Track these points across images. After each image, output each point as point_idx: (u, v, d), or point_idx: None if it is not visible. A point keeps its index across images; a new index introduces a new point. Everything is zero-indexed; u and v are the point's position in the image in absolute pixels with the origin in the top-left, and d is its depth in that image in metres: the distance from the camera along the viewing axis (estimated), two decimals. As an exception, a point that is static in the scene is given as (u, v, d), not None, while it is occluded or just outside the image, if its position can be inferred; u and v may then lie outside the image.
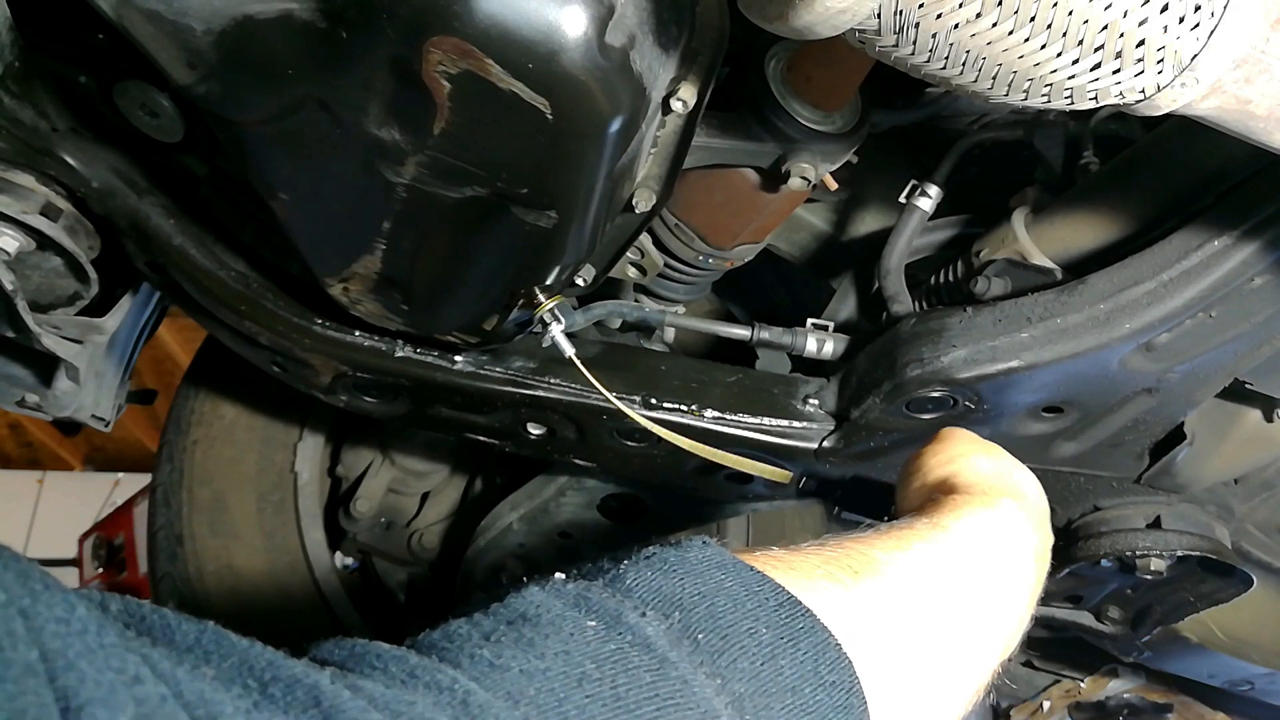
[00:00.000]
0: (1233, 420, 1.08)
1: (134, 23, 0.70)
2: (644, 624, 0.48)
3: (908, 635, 0.58)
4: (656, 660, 0.47)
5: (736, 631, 0.50)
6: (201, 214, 1.01)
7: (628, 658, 0.46)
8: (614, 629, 0.47)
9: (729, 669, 0.48)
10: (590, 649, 0.46)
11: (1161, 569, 1.10)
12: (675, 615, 0.49)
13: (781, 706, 0.49)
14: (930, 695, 0.58)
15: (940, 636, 0.60)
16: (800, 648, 0.51)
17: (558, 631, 0.47)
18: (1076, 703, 1.73)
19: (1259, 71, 0.58)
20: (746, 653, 0.49)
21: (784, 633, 0.51)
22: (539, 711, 0.43)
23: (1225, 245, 0.88)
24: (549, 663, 0.45)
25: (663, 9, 0.70)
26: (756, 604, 0.51)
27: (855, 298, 1.21)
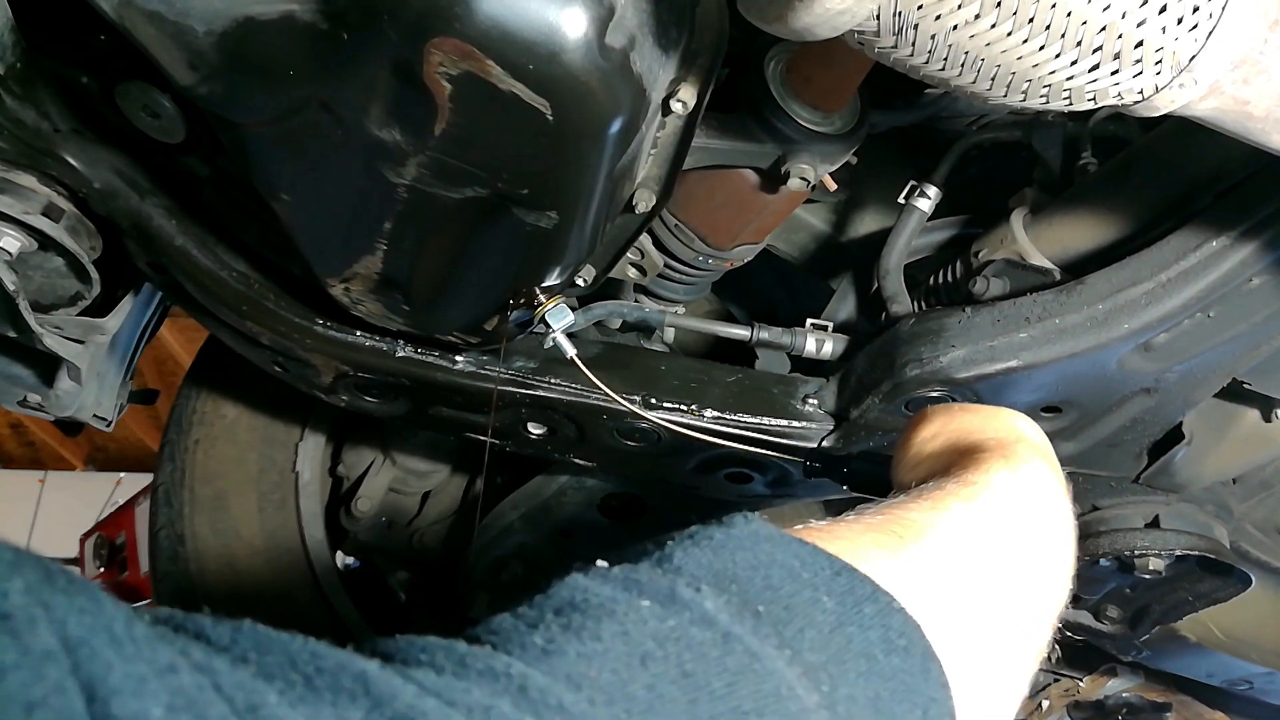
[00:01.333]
0: (1231, 420, 1.08)
1: (136, 24, 0.70)
2: (701, 599, 0.46)
3: (964, 596, 0.56)
4: (720, 634, 0.44)
5: (798, 601, 0.48)
6: (203, 215, 1.01)
7: (690, 634, 0.44)
8: (670, 606, 0.45)
9: (796, 639, 0.46)
10: (649, 628, 0.44)
11: (1160, 568, 1.10)
12: (732, 588, 0.47)
13: (857, 674, 0.46)
14: (997, 652, 0.56)
15: (995, 594, 0.58)
16: (865, 613, 0.49)
17: (610, 614, 0.44)
18: (1075, 702, 1.73)
19: (1257, 72, 0.59)
20: (813, 622, 0.47)
21: (846, 600, 0.49)
22: (604, 694, 0.40)
23: (1223, 245, 0.88)
24: (607, 644, 0.42)
25: (663, 10, 0.71)
26: (813, 573, 0.49)
27: (854, 298, 1.21)
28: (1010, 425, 0.72)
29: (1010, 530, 0.62)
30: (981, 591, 0.57)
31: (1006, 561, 0.60)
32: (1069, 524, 0.67)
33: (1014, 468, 0.66)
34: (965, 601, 0.56)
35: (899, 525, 0.57)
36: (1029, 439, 0.71)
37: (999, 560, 0.59)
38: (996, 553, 0.60)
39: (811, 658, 0.45)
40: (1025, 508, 0.64)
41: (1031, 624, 0.60)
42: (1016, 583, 0.60)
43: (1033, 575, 0.61)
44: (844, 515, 0.58)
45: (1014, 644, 0.58)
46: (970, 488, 0.63)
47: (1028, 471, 0.66)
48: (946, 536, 0.58)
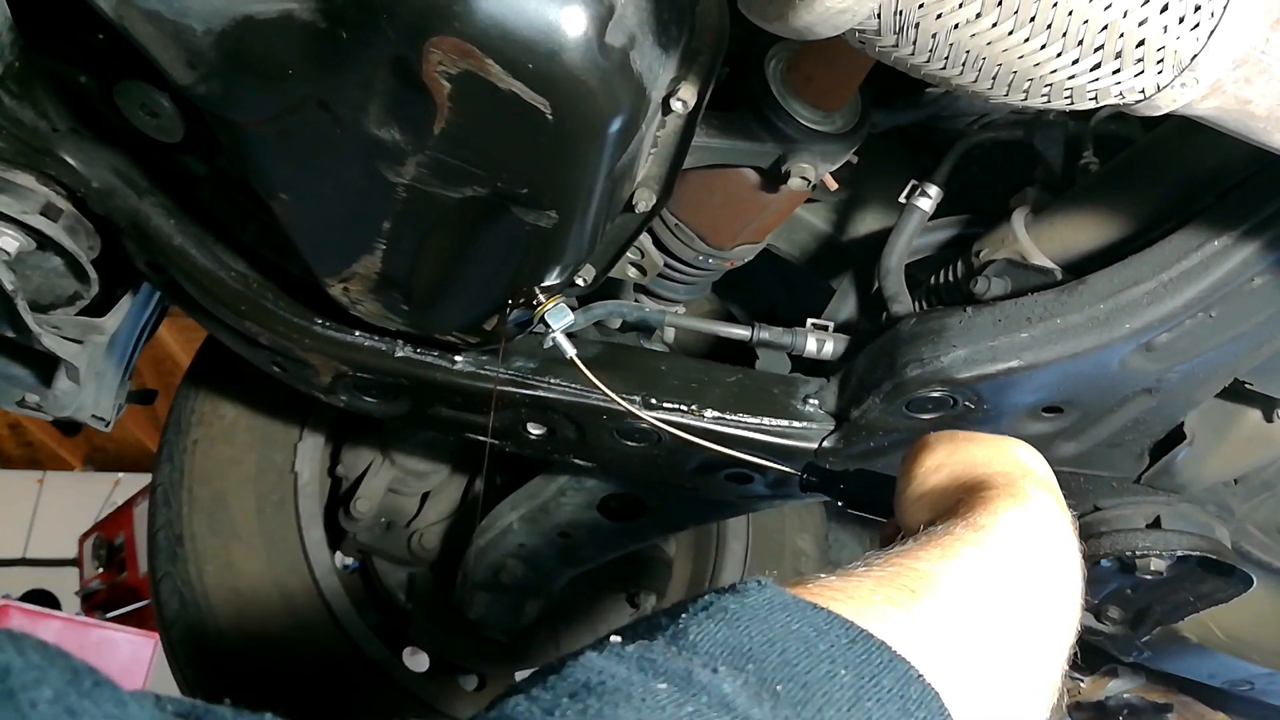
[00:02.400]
0: (1233, 420, 1.08)
1: (134, 23, 0.70)
2: (718, 681, 0.45)
3: (978, 648, 0.56)
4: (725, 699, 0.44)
5: (816, 677, 0.47)
6: (202, 214, 1.01)
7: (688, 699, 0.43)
8: (687, 690, 0.45)
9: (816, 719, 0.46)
10: (667, 714, 0.43)
11: (1161, 569, 1.10)
12: (749, 668, 0.47)
13: None
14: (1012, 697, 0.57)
15: (1009, 640, 0.59)
16: (883, 686, 0.48)
17: (627, 699, 0.44)
18: (1076, 702, 1.73)
19: (1259, 71, 0.59)
20: (831, 700, 0.47)
21: (863, 671, 0.48)
22: None
23: (1225, 245, 0.88)
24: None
25: (663, 9, 0.70)
26: (829, 644, 0.49)
27: (855, 298, 1.21)
28: (1015, 459, 0.72)
29: (1020, 573, 0.62)
30: (995, 639, 0.57)
31: (1018, 605, 0.60)
32: (1076, 560, 0.67)
33: (1022, 506, 0.66)
34: (980, 652, 0.56)
35: (909, 578, 0.57)
36: (1034, 473, 0.71)
37: (1011, 605, 0.60)
38: (1008, 597, 0.60)
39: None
40: (1034, 549, 0.64)
41: (1044, 664, 0.60)
42: (1028, 625, 0.60)
43: (1044, 616, 0.62)
44: (853, 566, 0.58)
45: (1028, 687, 0.58)
46: (979, 532, 0.63)
47: (1035, 509, 0.67)
48: (958, 586, 0.58)
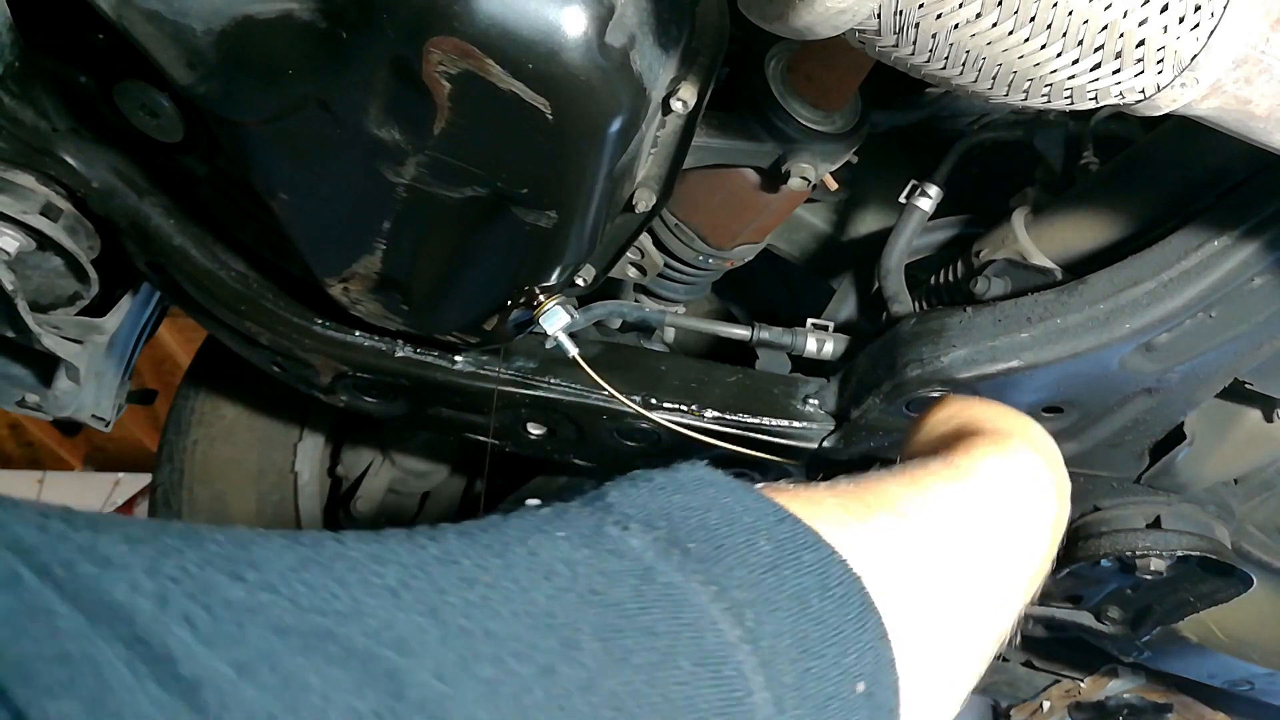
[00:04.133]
0: (1233, 420, 1.08)
1: (134, 23, 0.70)
2: (626, 535, 0.43)
3: (927, 572, 0.54)
4: (640, 566, 0.42)
5: (732, 543, 0.45)
6: (202, 214, 1.01)
7: (605, 562, 0.41)
8: (591, 538, 0.42)
9: (724, 576, 0.43)
10: (560, 552, 0.41)
11: (1161, 569, 1.10)
12: (662, 526, 0.44)
13: (786, 614, 0.44)
14: (950, 635, 0.54)
15: (962, 576, 0.56)
16: (803, 560, 0.46)
17: (521, 540, 0.41)
18: (1076, 703, 1.73)
19: (1259, 71, 0.58)
20: (744, 562, 0.44)
21: (785, 545, 0.46)
22: (500, 594, 0.37)
23: (1225, 245, 0.88)
24: (509, 560, 0.39)
25: (663, 9, 0.70)
26: (754, 518, 0.47)
27: (855, 298, 1.21)
28: (1018, 421, 0.71)
29: (985, 517, 0.60)
30: (946, 572, 0.55)
31: (976, 547, 0.58)
32: (1050, 520, 0.65)
33: (1004, 455, 0.65)
34: (928, 577, 0.54)
35: (872, 495, 0.56)
36: (1030, 435, 0.70)
37: (968, 545, 0.58)
38: (966, 536, 0.58)
39: (738, 594, 0.43)
40: (1005, 497, 0.62)
41: (991, 612, 0.58)
42: (982, 569, 0.58)
43: (1001, 564, 0.60)
44: (821, 484, 0.56)
45: (969, 630, 0.56)
46: (953, 469, 0.62)
47: (1017, 462, 0.65)
48: (918, 512, 0.56)
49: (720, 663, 0.41)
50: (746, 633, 0.42)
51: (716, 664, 0.40)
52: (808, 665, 0.43)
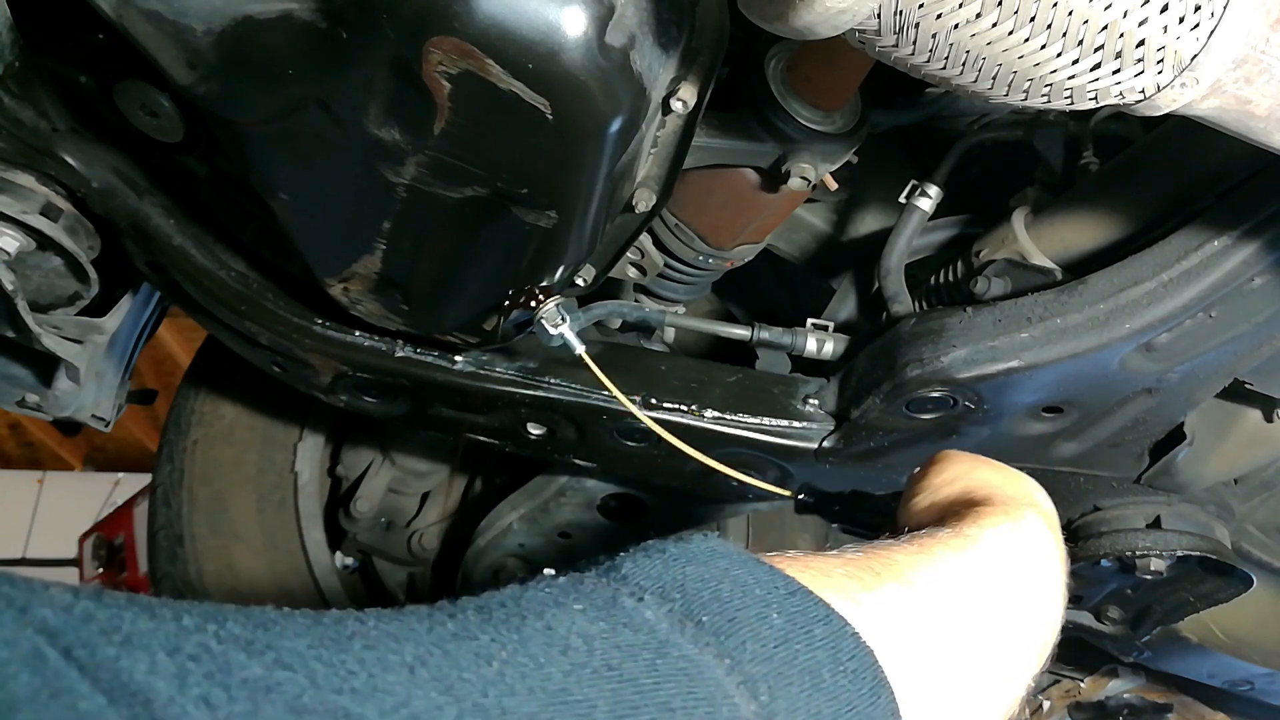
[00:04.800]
0: (1233, 420, 1.08)
1: (134, 23, 0.70)
2: (641, 607, 0.43)
3: (937, 643, 0.54)
4: (656, 640, 0.42)
5: (745, 616, 0.45)
6: (202, 214, 1.01)
7: (620, 635, 0.41)
8: (606, 611, 0.43)
9: (738, 650, 0.44)
10: (576, 625, 0.41)
11: (1161, 569, 1.10)
12: (676, 599, 0.45)
13: (799, 689, 0.44)
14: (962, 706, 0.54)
15: (972, 647, 0.56)
16: (815, 634, 0.46)
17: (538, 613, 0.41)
18: (1076, 703, 1.73)
19: (1259, 72, 0.58)
20: (757, 636, 0.45)
21: (797, 619, 0.47)
22: (516, 670, 0.38)
23: (1225, 245, 0.88)
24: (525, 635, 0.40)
25: (663, 9, 0.70)
26: (765, 591, 0.47)
27: (855, 298, 1.21)
28: (1025, 490, 0.71)
29: (995, 589, 0.61)
30: (956, 643, 0.56)
31: (986, 620, 0.59)
32: (1058, 592, 0.66)
33: (1014, 525, 0.65)
34: (938, 648, 0.54)
35: (880, 564, 0.56)
36: (1038, 504, 0.70)
37: (979, 617, 0.58)
38: (978, 609, 0.58)
39: (752, 669, 0.43)
40: (1015, 569, 0.63)
41: (1003, 683, 0.59)
42: (995, 640, 0.59)
43: (1013, 636, 0.60)
44: (830, 551, 0.56)
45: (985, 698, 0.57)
46: (962, 539, 0.62)
47: (1026, 533, 0.65)
48: (928, 582, 0.56)
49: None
50: (761, 707, 0.42)
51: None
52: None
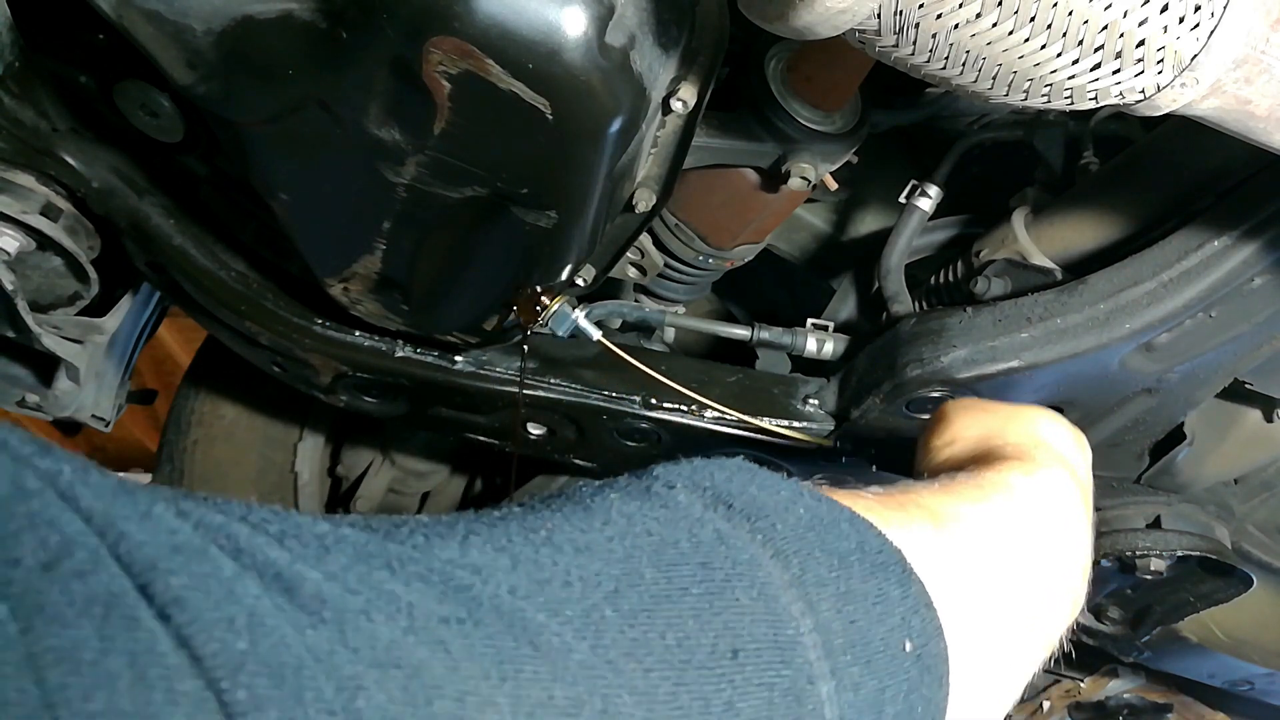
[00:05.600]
0: (1233, 420, 1.08)
1: (134, 23, 0.70)
2: (674, 492, 0.45)
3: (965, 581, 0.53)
4: (691, 516, 0.43)
5: (773, 504, 0.46)
6: (202, 214, 1.01)
7: (657, 511, 0.43)
8: (642, 495, 0.44)
9: (768, 529, 0.44)
10: (615, 507, 0.42)
11: (1161, 569, 1.10)
12: (707, 488, 0.46)
13: (829, 570, 0.44)
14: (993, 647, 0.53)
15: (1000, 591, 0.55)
16: (841, 528, 0.47)
17: (577, 501, 0.43)
18: (1076, 703, 1.73)
19: (1259, 71, 0.58)
20: (784, 520, 0.45)
21: (822, 515, 0.47)
22: (564, 537, 0.39)
23: (1225, 245, 0.88)
24: (566, 513, 0.41)
25: (663, 9, 0.70)
26: (791, 492, 0.48)
27: (855, 298, 1.21)
28: (1030, 431, 0.69)
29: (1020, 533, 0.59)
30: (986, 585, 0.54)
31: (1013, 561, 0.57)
32: (1083, 537, 0.64)
33: (1030, 475, 0.64)
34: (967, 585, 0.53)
35: (906, 498, 0.55)
36: (1048, 444, 0.68)
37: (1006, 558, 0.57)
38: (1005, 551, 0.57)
39: (782, 545, 0.44)
40: (1036, 517, 0.61)
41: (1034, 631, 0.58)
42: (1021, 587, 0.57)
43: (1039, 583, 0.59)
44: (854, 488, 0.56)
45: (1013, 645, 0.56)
46: (980, 490, 0.60)
47: (1043, 479, 0.64)
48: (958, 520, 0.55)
49: (772, 599, 0.41)
50: (793, 578, 0.43)
51: (769, 600, 0.41)
52: (853, 617, 0.44)
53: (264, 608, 0.30)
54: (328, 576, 0.32)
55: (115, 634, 0.27)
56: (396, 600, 0.33)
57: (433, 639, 0.32)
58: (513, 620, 0.35)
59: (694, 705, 0.37)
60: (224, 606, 0.29)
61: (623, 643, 0.37)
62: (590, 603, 0.37)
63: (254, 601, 0.30)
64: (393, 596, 0.33)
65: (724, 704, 0.38)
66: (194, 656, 0.28)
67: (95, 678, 0.26)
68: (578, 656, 0.35)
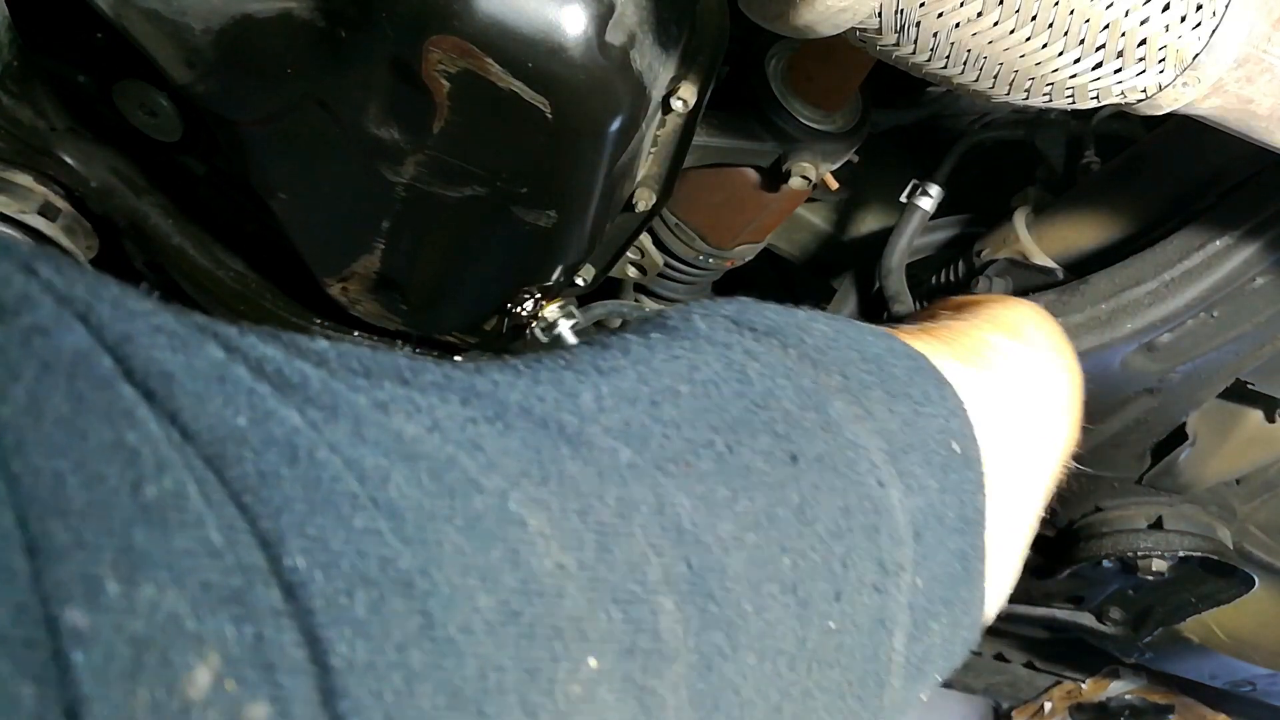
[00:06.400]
0: (1235, 421, 1.08)
1: (133, 22, 0.70)
2: (692, 323, 0.41)
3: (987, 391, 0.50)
4: (718, 339, 0.40)
5: (795, 322, 0.43)
6: (200, 214, 1.01)
7: (684, 340, 0.40)
8: (663, 326, 0.41)
9: (798, 343, 0.42)
10: (633, 340, 0.39)
11: (1163, 570, 1.10)
12: (725, 315, 0.43)
13: (867, 373, 0.42)
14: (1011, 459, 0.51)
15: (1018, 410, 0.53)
16: (867, 338, 0.44)
17: (583, 345, 0.40)
18: (1078, 704, 1.73)
19: (1261, 71, 0.58)
20: (811, 334, 0.42)
21: (846, 328, 0.45)
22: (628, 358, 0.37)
23: (1227, 245, 0.88)
24: (597, 347, 0.38)
25: (663, 8, 0.70)
26: (808, 313, 0.45)
27: (856, 297, 1.20)
28: (1015, 306, 0.67)
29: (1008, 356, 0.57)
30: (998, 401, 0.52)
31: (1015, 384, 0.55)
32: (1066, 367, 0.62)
33: (1007, 306, 0.63)
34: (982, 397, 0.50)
35: (905, 331, 0.53)
36: (1030, 309, 0.67)
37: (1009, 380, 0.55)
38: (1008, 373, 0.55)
39: (818, 356, 0.42)
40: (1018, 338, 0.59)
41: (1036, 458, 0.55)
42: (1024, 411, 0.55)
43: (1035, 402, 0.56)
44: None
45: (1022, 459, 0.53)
46: (963, 322, 0.59)
47: (1021, 312, 0.63)
48: (953, 345, 0.54)
49: (823, 405, 0.39)
50: (840, 384, 0.41)
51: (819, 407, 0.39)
52: (905, 419, 0.42)
53: (264, 391, 0.25)
54: (334, 378, 0.28)
55: (84, 393, 0.21)
56: (415, 402, 0.29)
57: (462, 437, 0.29)
58: (546, 422, 0.31)
59: (759, 511, 0.35)
60: (217, 386, 0.24)
61: (669, 449, 0.34)
62: (627, 413, 0.34)
63: (252, 384, 0.25)
64: (410, 399, 0.29)
65: (793, 511, 0.36)
66: (185, 432, 0.23)
67: (62, 435, 0.21)
68: (624, 458, 0.32)
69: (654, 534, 0.31)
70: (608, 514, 0.30)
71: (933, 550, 0.41)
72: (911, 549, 0.39)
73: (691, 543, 0.32)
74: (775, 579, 0.34)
